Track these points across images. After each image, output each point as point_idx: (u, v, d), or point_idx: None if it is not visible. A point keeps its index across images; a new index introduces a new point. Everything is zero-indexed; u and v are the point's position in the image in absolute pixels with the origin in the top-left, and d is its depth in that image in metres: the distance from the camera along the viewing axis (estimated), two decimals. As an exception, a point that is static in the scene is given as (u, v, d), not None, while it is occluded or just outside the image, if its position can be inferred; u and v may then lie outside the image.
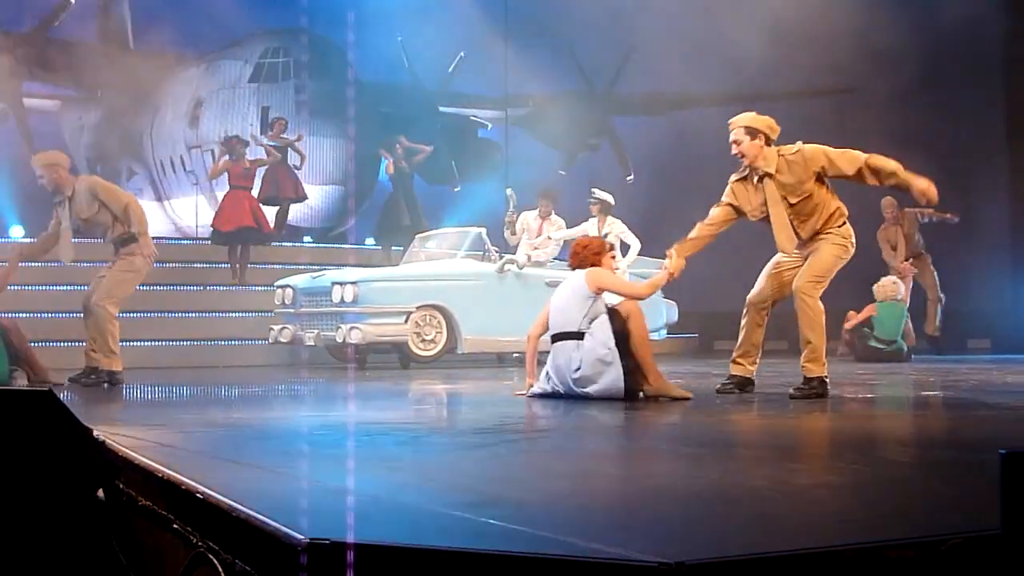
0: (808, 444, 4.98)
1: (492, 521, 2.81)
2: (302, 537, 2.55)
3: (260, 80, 20.39)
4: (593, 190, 13.61)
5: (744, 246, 17.29)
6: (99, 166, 23.11)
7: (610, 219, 13.45)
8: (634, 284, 8.77)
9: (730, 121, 7.73)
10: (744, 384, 7.87)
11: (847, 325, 13.80)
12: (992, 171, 16.96)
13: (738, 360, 7.91)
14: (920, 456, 4.70)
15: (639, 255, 13.50)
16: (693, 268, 7.72)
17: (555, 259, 14.59)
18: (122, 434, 4.46)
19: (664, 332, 15.11)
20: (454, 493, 3.32)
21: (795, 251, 7.66)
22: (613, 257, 8.26)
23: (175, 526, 3.34)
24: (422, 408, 7.84)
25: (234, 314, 14.91)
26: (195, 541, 3.16)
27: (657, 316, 14.64)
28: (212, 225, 16.48)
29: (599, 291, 7.51)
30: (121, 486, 3.94)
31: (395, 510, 3.09)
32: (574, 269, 7.77)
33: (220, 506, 3.01)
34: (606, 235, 13.18)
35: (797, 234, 7.58)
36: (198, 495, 3.19)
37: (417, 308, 12.81)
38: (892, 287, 13.80)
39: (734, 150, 7.64)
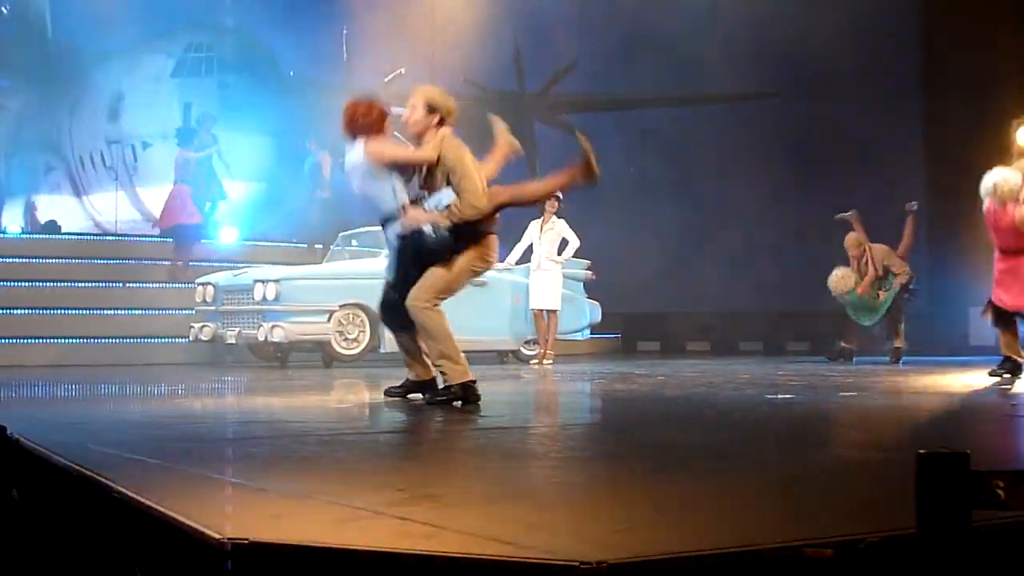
0: (727, 445, 5.02)
1: (413, 521, 2.81)
2: (222, 537, 2.52)
3: (183, 75, 20.14)
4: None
5: (668, 249, 17.53)
6: (15, 159, 22.67)
7: (554, 218, 13.68)
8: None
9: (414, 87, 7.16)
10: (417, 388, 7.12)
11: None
12: (909, 172, 17.37)
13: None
14: (838, 456, 4.76)
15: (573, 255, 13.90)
16: (618, 270, 7.68)
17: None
18: (38, 433, 4.39)
19: (587, 332, 15.17)
20: (375, 493, 3.31)
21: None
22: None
23: (92, 526, 3.29)
24: (343, 407, 7.79)
25: (155, 311, 14.72)
26: (113, 541, 3.11)
27: (580, 316, 14.70)
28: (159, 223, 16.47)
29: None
30: (36, 486, 3.87)
31: (316, 510, 3.08)
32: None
33: (139, 506, 2.97)
34: (549, 231, 13.65)
35: None
36: (115, 495, 3.14)
37: (340, 307, 12.73)
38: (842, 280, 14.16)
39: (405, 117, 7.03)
